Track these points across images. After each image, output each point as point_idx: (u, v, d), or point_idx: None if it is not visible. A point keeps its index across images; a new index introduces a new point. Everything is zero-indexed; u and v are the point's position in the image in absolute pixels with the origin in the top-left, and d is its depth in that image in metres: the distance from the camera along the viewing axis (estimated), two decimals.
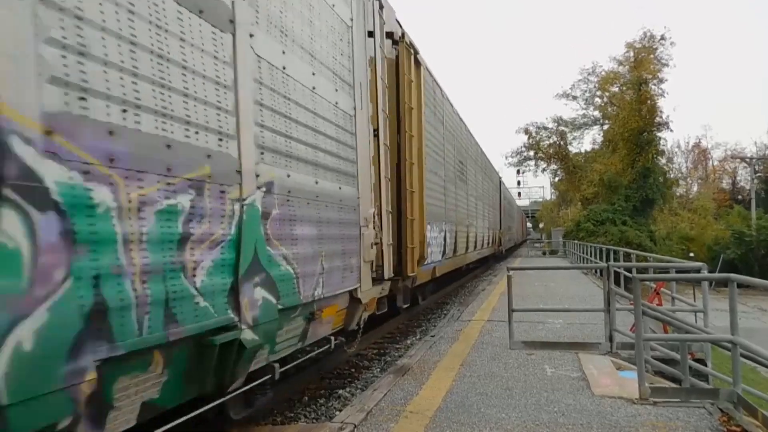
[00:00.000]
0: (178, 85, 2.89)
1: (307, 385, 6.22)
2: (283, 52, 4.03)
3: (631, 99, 33.67)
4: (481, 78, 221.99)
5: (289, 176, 4.05)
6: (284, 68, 4.04)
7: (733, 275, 4.65)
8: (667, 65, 33.95)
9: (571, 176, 41.97)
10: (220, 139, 3.22)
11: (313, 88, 4.55)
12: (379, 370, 7.22)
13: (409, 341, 9.04)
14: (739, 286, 4.60)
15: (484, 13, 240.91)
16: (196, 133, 3.01)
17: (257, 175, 3.58)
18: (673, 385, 5.29)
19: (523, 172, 50.35)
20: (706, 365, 6.14)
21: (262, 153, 3.69)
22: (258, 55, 3.67)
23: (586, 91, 41.26)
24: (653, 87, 33.10)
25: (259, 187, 3.58)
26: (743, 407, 4.30)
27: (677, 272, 8.20)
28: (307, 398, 5.86)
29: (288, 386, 5.89)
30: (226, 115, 3.29)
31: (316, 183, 4.54)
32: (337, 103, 5.06)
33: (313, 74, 4.56)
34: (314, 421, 5.21)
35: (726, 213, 43.14)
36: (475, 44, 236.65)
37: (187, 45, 2.97)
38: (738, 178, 58.17)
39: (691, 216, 44.15)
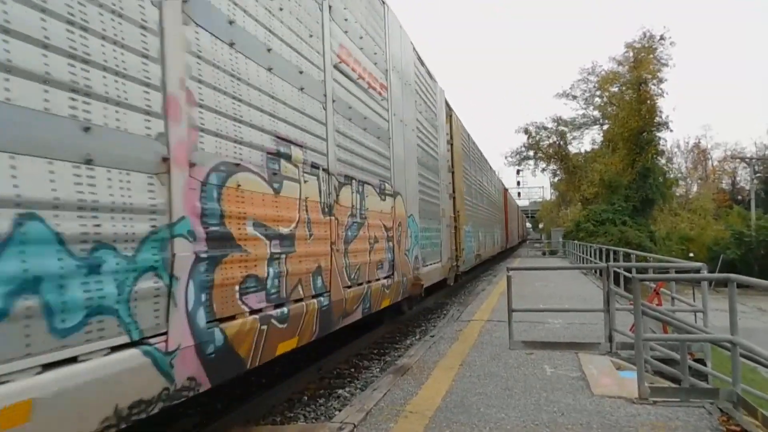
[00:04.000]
0: None
1: (306, 385, 6.22)
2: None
3: (630, 99, 33.70)
4: (482, 78, 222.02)
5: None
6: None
7: (732, 275, 4.65)
8: (666, 65, 33.99)
9: (570, 176, 41.97)
10: None
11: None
12: (378, 370, 7.22)
13: (408, 341, 9.04)
14: (739, 286, 4.60)
15: (485, 13, 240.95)
16: None
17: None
18: (672, 385, 5.29)
19: (521, 172, 50.41)
20: (705, 365, 6.14)
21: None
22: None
23: (585, 91, 41.27)
24: (653, 87, 33.14)
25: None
26: (743, 407, 4.30)
27: (677, 272, 8.19)
28: (306, 398, 5.86)
29: (288, 386, 5.90)
30: None
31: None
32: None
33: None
34: (314, 420, 5.21)
35: (726, 213, 43.22)
36: (475, 44, 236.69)
37: None
38: (738, 178, 58.30)
39: (690, 216, 44.21)
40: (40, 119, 2.35)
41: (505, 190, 35.38)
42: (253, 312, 3.81)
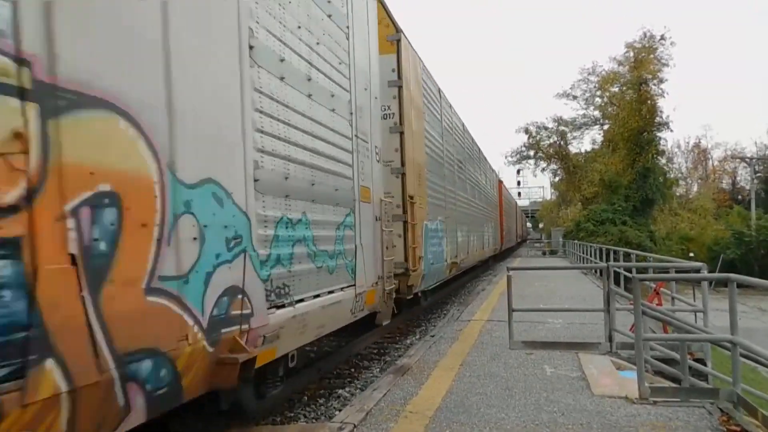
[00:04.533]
0: None
1: (306, 385, 6.22)
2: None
3: (631, 99, 33.67)
4: (482, 77, 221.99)
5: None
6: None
7: (732, 275, 4.64)
8: (667, 65, 33.93)
9: (571, 176, 41.94)
10: None
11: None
12: (378, 370, 7.23)
13: (408, 341, 9.04)
14: (739, 286, 4.60)
15: (485, 13, 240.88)
16: None
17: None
18: (673, 384, 5.28)
19: (521, 172, 50.41)
20: (705, 365, 6.13)
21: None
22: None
23: (586, 91, 41.20)
24: (653, 87, 33.11)
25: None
26: (743, 407, 4.30)
27: (677, 272, 8.19)
28: (306, 398, 5.86)
29: (288, 386, 5.89)
30: None
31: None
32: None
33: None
34: (314, 420, 5.22)
35: (726, 213, 43.19)
36: (475, 43, 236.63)
37: None
38: (738, 178, 58.26)
39: (690, 216, 44.16)
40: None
41: (500, 182, 30.85)
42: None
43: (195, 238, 3.15)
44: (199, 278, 3.17)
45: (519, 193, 64.16)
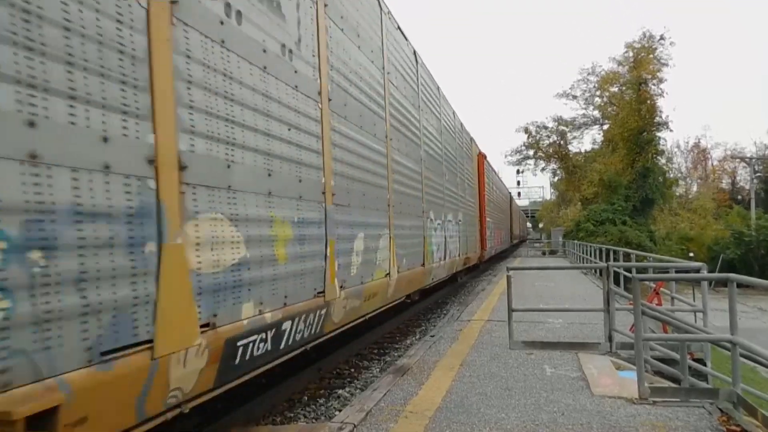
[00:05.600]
0: None
1: (306, 385, 6.22)
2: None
3: (630, 99, 33.71)
4: (482, 77, 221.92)
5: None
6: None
7: (732, 275, 4.64)
8: (666, 65, 34.05)
9: (570, 176, 42.00)
10: None
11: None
12: (378, 370, 7.23)
13: (408, 341, 9.04)
14: (739, 286, 4.60)
15: (486, 12, 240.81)
16: None
17: None
18: (672, 385, 5.29)
19: (522, 172, 50.42)
20: (705, 365, 6.14)
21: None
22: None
23: (585, 91, 41.30)
24: (653, 87, 33.19)
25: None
26: (743, 407, 4.30)
27: (677, 272, 8.19)
28: (306, 398, 5.86)
29: (288, 386, 5.89)
30: None
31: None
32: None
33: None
34: (314, 421, 5.22)
35: (726, 213, 43.18)
36: (476, 43, 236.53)
37: None
38: (738, 178, 58.24)
39: (690, 216, 44.18)
40: None
41: (482, 155, 19.57)
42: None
43: None
44: None
45: (519, 193, 64.15)
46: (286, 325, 4.09)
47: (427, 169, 9.82)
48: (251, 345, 3.61)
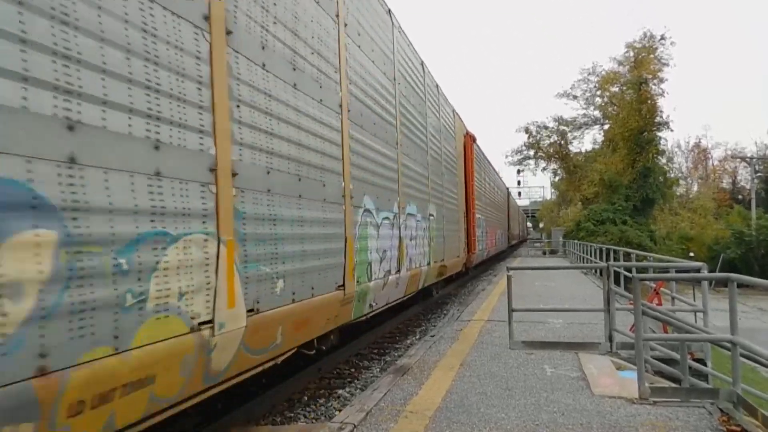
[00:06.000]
0: None
1: (306, 385, 6.22)
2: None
3: (631, 99, 33.68)
4: (482, 77, 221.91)
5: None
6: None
7: (732, 275, 4.64)
8: (667, 65, 34.04)
9: (571, 176, 41.96)
10: None
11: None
12: (378, 370, 7.23)
13: (408, 341, 9.04)
14: (739, 285, 4.59)
15: (486, 12, 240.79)
16: None
17: None
18: (672, 384, 5.28)
19: (522, 172, 50.43)
20: (705, 365, 6.14)
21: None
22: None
23: (586, 91, 41.21)
24: (653, 87, 33.16)
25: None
26: (743, 407, 4.30)
27: (677, 272, 8.19)
28: (306, 398, 5.86)
29: (288, 386, 5.89)
30: None
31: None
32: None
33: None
34: (314, 421, 5.22)
35: (726, 213, 43.17)
36: (476, 43, 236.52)
37: None
38: (738, 177, 58.23)
39: (691, 216, 44.16)
40: None
41: (471, 136, 16.11)
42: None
43: None
44: None
45: (519, 193, 64.23)
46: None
47: (355, 124, 5.92)
48: None
